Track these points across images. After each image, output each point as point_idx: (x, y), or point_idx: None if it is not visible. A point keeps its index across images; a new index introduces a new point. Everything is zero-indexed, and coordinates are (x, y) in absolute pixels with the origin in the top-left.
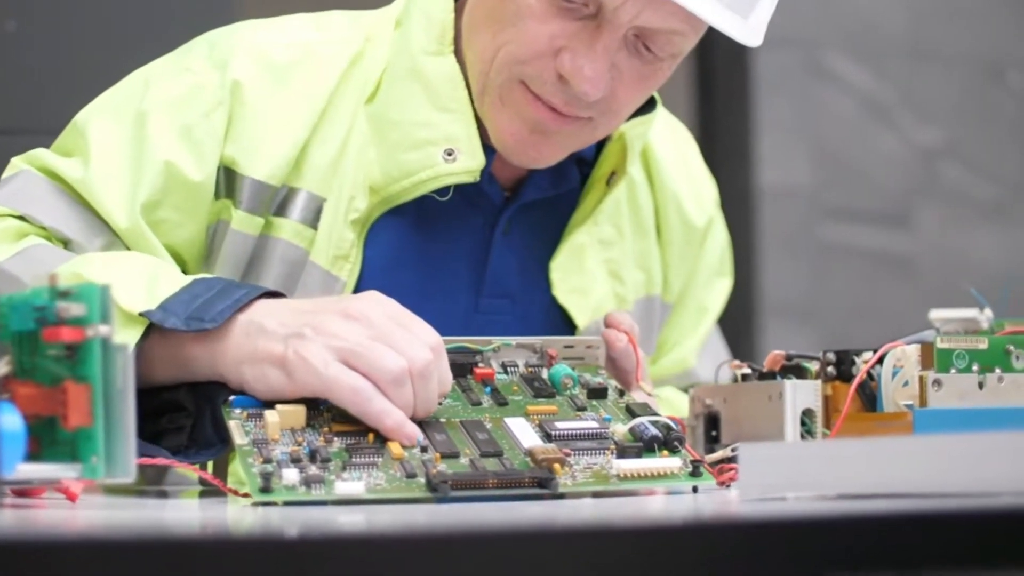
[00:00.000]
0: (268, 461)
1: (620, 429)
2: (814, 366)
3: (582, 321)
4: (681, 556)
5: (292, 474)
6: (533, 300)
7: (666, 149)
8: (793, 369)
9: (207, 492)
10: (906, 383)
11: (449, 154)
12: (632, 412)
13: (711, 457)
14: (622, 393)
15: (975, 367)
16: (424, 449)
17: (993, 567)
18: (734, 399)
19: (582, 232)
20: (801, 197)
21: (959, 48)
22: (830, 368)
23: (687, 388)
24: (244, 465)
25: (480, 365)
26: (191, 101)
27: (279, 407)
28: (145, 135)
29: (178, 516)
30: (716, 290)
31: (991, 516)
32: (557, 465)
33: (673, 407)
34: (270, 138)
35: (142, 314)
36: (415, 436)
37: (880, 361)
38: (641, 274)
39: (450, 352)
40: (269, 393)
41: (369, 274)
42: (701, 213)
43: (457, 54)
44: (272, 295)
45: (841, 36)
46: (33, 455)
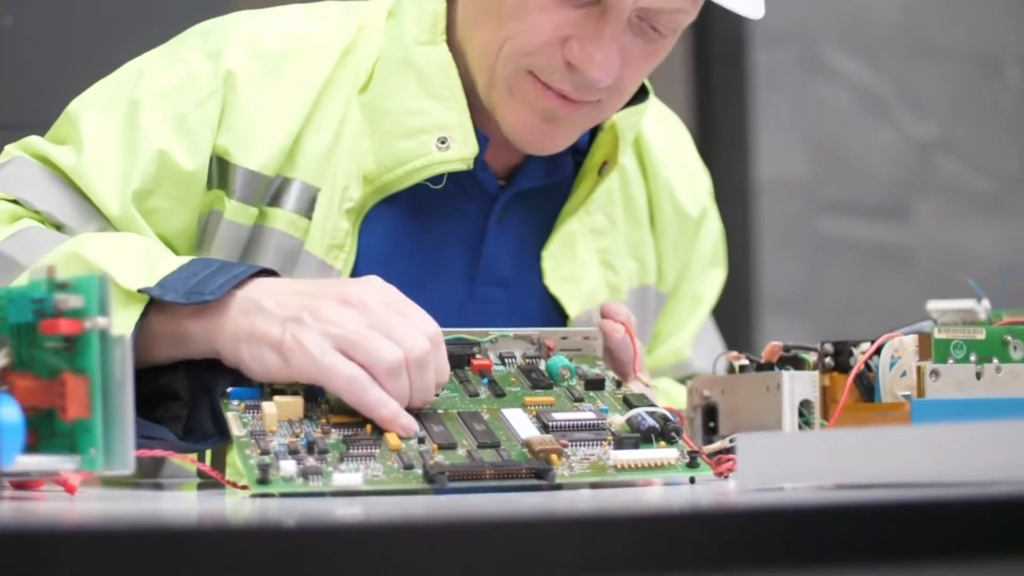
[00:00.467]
0: (266, 453)
1: (617, 420)
2: (812, 357)
3: (573, 310)
4: (678, 546)
5: (290, 466)
6: (527, 288)
7: (659, 139)
8: (791, 360)
9: (205, 484)
10: (904, 373)
11: (442, 142)
12: (629, 403)
13: (709, 448)
14: (619, 384)
15: (972, 357)
16: (421, 440)
17: (990, 556)
18: (732, 390)
19: (574, 221)
20: (798, 190)
21: (956, 42)
22: (828, 359)
23: (683, 379)
24: (242, 457)
25: (477, 356)
26: (184, 91)
27: (277, 399)
28: (138, 124)
29: (176, 508)
30: (710, 280)
31: (988, 505)
32: (554, 456)
33: (670, 399)
34: (263, 128)
35: (141, 291)
36: (411, 427)
37: (878, 352)
38: (635, 263)
39: (447, 343)
40: (264, 374)
41: (364, 263)
42: (695, 203)
43: (450, 43)
44: (269, 274)
45: (838, 30)
46: (31, 447)
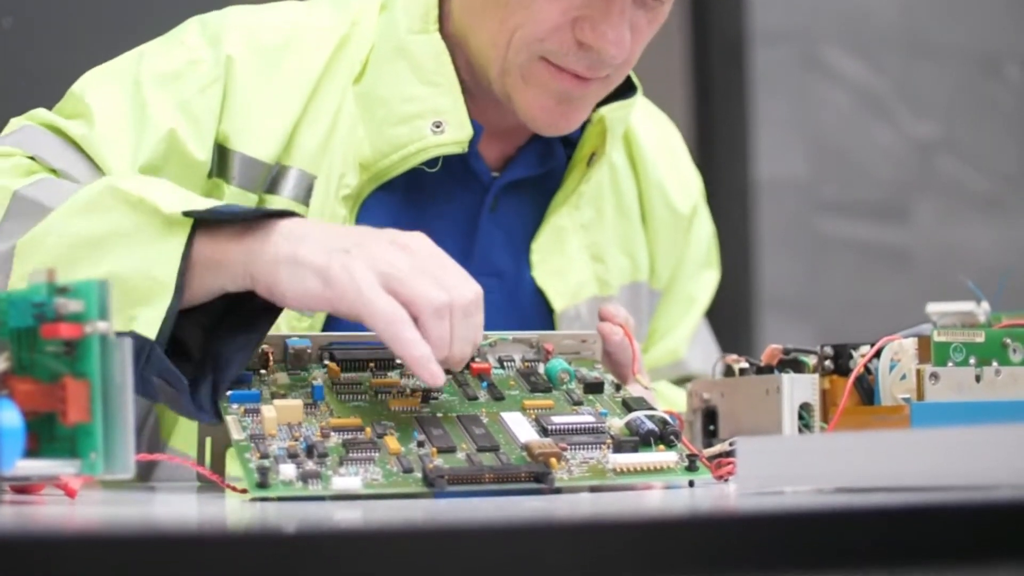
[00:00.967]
0: (265, 456)
1: (616, 423)
2: (811, 360)
3: (559, 304)
4: (678, 550)
5: (289, 469)
6: (519, 280)
7: (650, 138)
8: (791, 363)
9: (204, 487)
10: (903, 377)
11: (437, 126)
12: (628, 406)
13: (709, 451)
14: (619, 387)
15: (972, 360)
16: (421, 444)
17: (991, 560)
18: (732, 393)
19: (564, 215)
20: (798, 190)
21: (955, 41)
22: (827, 362)
23: (680, 379)
24: (241, 460)
25: (477, 360)
26: (187, 76)
27: (276, 402)
28: (144, 102)
29: (176, 512)
30: (704, 281)
31: (988, 509)
32: (554, 460)
33: (669, 403)
34: (262, 115)
35: (187, 213)
36: (440, 376)
37: (877, 355)
38: (626, 259)
39: None
40: (299, 298)
41: None
42: (686, 201)
43: (442, 34)
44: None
45: (837, 30)
46: (32, 451)
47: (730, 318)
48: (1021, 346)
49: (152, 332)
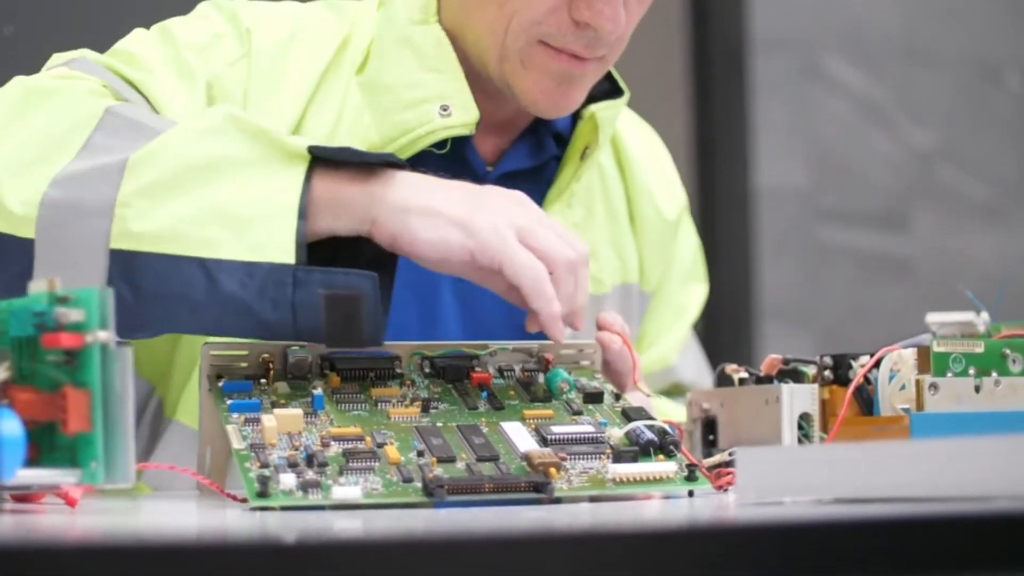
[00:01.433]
0: (265, 466)
1: (616, 433)
2: (811, 370)
3: None
4: (678, 560)
5: (289, 479)
6: None
7: (638, 146)
8: (790, 373)
9: (204, 496)
10: (903, 387)
11: (444, 109)
12: (628, 416)
13: (708, 461)
14: (618, 397)
15: (972, 371)
16: (420, 453)
17: (990, 571)
18: (731, 403)
19: (556, 213)
20: (798, 199)
21: (955, 50)
22: (827, 372)
23: (670, 388)
24: (241, 470)
25: (476, 369)
26: (214, 48)
27: (276, 412)
28: (186, 61)
29: (176, 521)
30: (692, 294)
31: (987, 520)
32: (553, 469)
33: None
34: (277, 95)
35: (312, 149)
36: (562, 336)
37: (877, 365)
38: (616, 260)
39: (445, 356)
40: (437, 245)
41: None
42: (672, 208)
43: (441, 24)
44: None
45: (837, 39)
46: (32, 461)
47: (730, 326)
48: (1021, 356)
49: (290, 256)
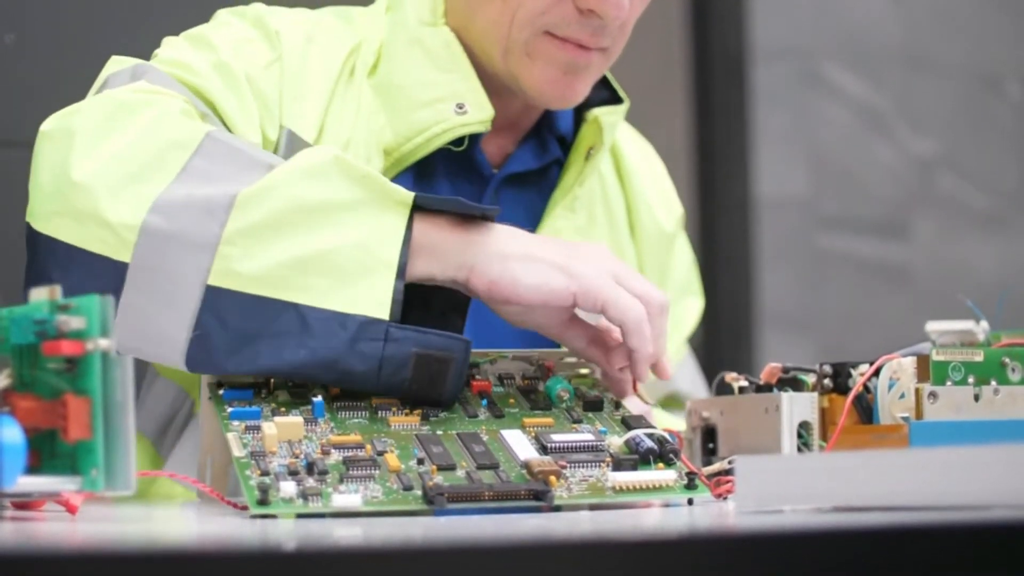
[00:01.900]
0: (266, 474)
1: (616, 441)
2: (811, 378)
3: None
4: (677, 569)
5: (290, 487)
6: None
7: (637, 158)
8: (790, 381)
9: (205, 504)
10: (902, 395)
11: (460, 107)
12: (628, 424)
13: (708, 469)
14: (618, 405)
15: (971, 379)
16: (420, 461)
17: None
18: (731, 412)
19: (560, 217)
20: (798, 207)
21: (955, 58)
22: (827, 380)
23: (666, 399)
24: (242, 477)
25: (477, 377)
26: (245, 50)
27: (277, 420)
28: (224, 63)
29: (176, 529)
30: (688, 308)
31: (986, 529)
32: (553, 477)
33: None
34: (305, 96)
35: (417, 199)
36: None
37: (876, 373)
38: None
39: None
40: (541, 287)
41: None
42: (670, 220)
43: (448, 26)
44: None
45: (837, 47)
46: (33, 468)
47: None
48: (1020, 365)
49: (384, 312)
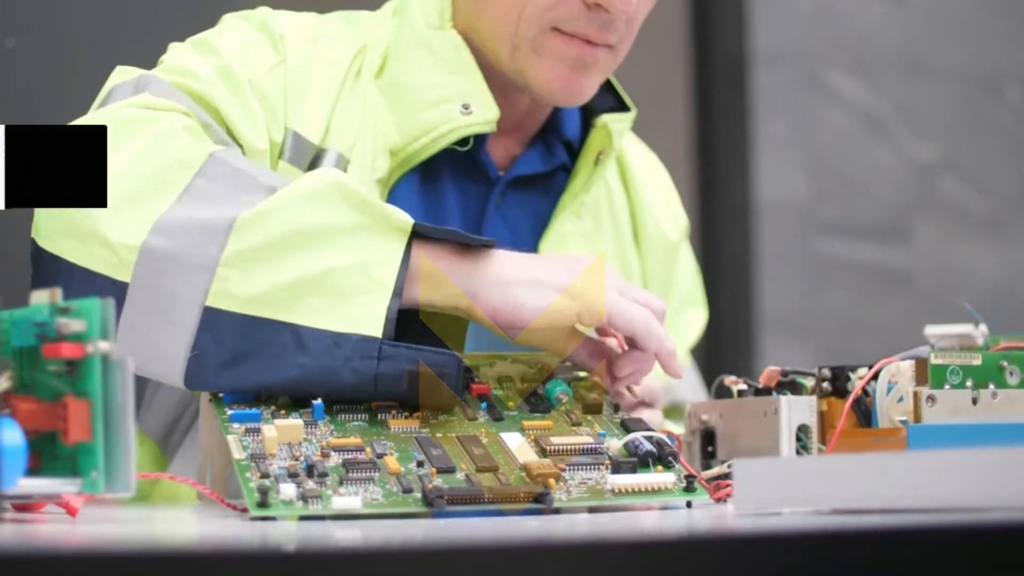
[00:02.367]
0: (266, 476)
1: (615, 444)
2: (809, 382)
3: None
4: (676, 571)
5: (290, 489)
6: None
7: (642, 167)
8: (789, 385)
9: (205, 506)
10: (901, 399)
11: (466, 107)
12: (627, 428)
13: (707, 473)
14: (617, 408)
15: (969, 383)
16: (420, 464)
17: None
18: (730, 415)
19: (567, 222)
20: (798, 211)
21: (955, 62)
22: (825, 384)
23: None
24: (242, 480)
25: (476, 380)
26: (249, 54)
27: (277, 422)
28: (228, 67)
29: (177, 531)
30: (691, 319)
31: (984, 531)
32: (552, 480)
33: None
34: (310, 97)
35: (416, 227)
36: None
37: (875, 377)
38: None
39: None
40: (546, 320)
41: None
42: (675, 230)
43: (455, 28)
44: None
45: (837, 51)
46: (33, 470)
47: (731, 338)
48: (1018, 369)
49: (378, 330)
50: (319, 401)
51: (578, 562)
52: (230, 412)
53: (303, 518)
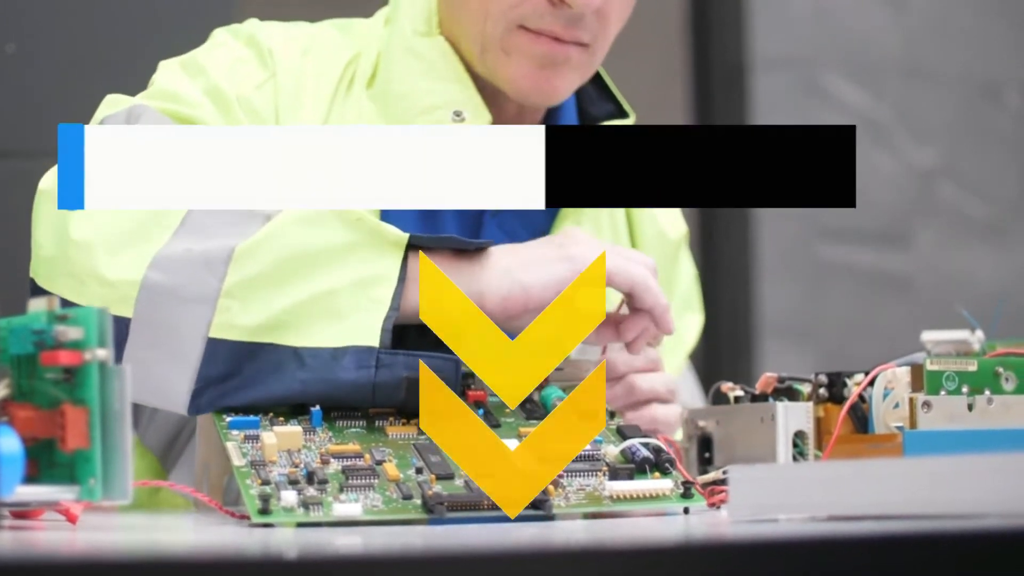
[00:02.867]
0: (266, 483)
1: (612, 451)
2: (806, 388)
3: None
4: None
5: (291, 496)
6: None
7: None
8: (785, 391)
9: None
10: (896, 405)
11: (457, 114)
12: (623, 434)
13: (703, 478)
14: (613, 415)
15: (964, 389)
16: (419, 470)
17: None
18: (727, 421)
19: (567, 226)
20: (798, 217)
21: (955, 68)
22: (822, 390)
23: None
24: (243, 487)
25: (473, 387)
26: (238, 71)
27: (276, 429)
28: (217, 87)
29: (177, 538)
30: (689, 324)
31: (980, 537)
32: (550, 487)
33: None
34: (300, 114)
35: (413, 239)
36: None
37: (871, 383)
38: None
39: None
40: (549, 282)
41: None
42: (674, 231)
43: (442, 35)
44: None
45: (837, 56)
46: (31, 477)
47: (730, 344)
48: (1013, 375)
49: (374, 340)
50: (317, 408)
51: (576, 568)
52: (229, 419)
53: (305, 525)
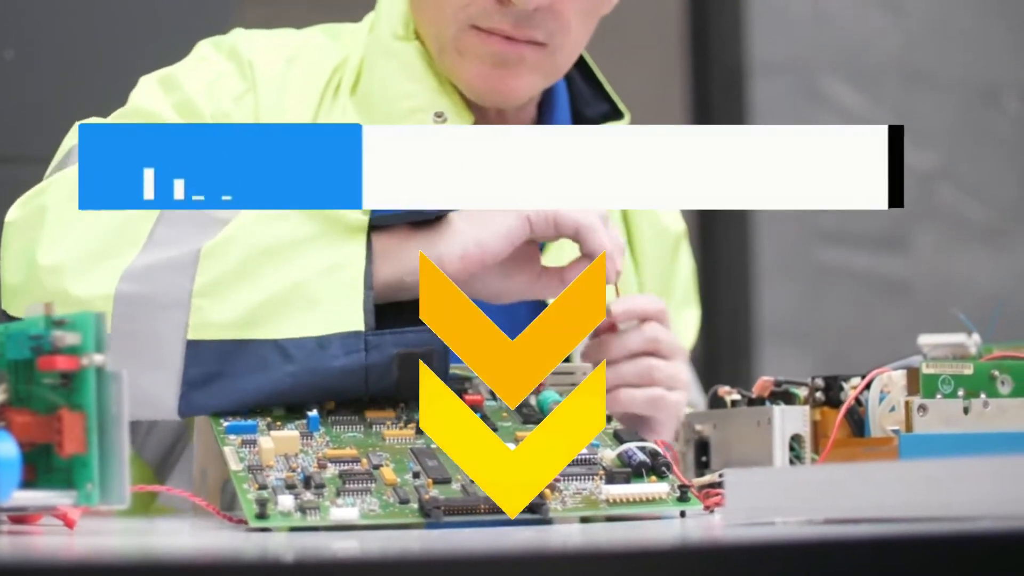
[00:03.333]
0: (263, 487)
1: (608, 455)
2: (803, 392)
3: None
4: None
5: (288, 500)
6: None
7: None
8: (782, 395)
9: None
10: (892, 408)
11: (439, 115)
12: (620, 438)
13: (699, 481)
14: (609, 419)
15: (960, 392)
16: (416, 475)
17: None
18: (724, 425)
19: None
20: (797, 220)
21: (954, 72)
22: (818, 394)
23: None
24: (240, 491)
25: (469, 392)
26: (218, 87)
27: (273, 434)
28: (192, 103)
29: (174, 543)
30: (687, 321)
31: (975, 540)
32: (547, 491)
33: None
34: (285, 116)
35: (374, 217)
36: None
37: (868, 387)
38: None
39: None
40: (507, 236)
41: None
42: (675, 225)
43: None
44: None
45: (836, 61)
46: (29, 482)
47: (730, 348)
48: (1009, 378)
49: (359, 323)
50: (315, 412)
51: (573, 573)
52: (226, 424)
53: (302, 529)
